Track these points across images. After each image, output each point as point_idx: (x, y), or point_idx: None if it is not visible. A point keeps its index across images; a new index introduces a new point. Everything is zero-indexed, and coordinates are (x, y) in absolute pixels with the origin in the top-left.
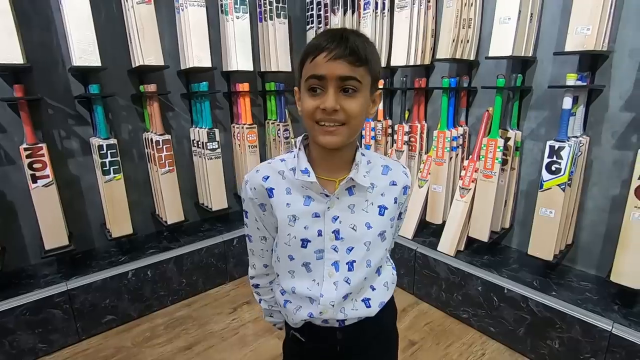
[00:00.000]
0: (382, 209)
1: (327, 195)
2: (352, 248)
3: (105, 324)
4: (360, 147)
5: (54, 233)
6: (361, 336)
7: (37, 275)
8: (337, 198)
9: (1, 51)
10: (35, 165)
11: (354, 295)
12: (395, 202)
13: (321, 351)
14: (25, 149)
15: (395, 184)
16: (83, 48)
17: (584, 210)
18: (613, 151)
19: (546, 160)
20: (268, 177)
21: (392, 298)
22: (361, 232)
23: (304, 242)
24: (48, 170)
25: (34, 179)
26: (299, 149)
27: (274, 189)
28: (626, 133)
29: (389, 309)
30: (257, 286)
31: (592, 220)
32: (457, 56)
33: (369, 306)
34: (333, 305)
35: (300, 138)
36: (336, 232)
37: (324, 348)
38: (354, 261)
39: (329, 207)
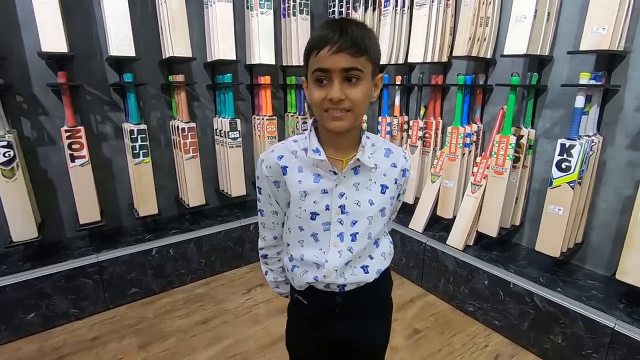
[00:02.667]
0: (383, 188)
1: (335, 173)
2: (356, 222)
3: (130, 295)
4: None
5: (88, 209)
6: (358, 301)
7: (72, 246)
8: (344, 176)
9: (49, 41)
10: (73, 146)
11: (354, 263)
12: (396, 183)
13: (321, 313)
14: (66, 131)
15: (396, 166)
16: (120, 39)
17: (595, 209)
18: (627, 152)
19: (557, 158)
20: (282, 156)
21: (388, 270)
22: (364, 208)
23: (313, 215)
24: (85, 151)
25: (72, 158)
26: (310, 130)
27: (287, 167)
28: None
29: (385, 278)
30: (265, 256)
31: (603, 220)
32: (474, 54)
33: (366, 272)
34: (336, 270)
35: (311, 121)
36: (342, 207)
37: (324, 310)
38: (357, 233)
39: (336, 185)
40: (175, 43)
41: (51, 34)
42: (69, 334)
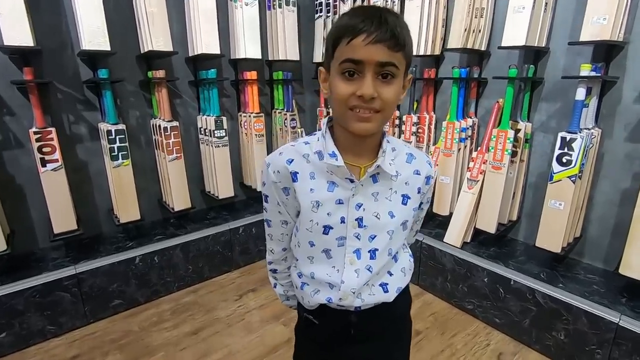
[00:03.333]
0: (405, 199)
1: (352, 181)
2: (375, 236)
3: (112, 307)
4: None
5: (62, 217)
6: (375, 321)
7: (46, 258)
8: (362, 185)
9: (12, 33)
10: (44, 149)
11: (372, 281)
12: (419, 192)
13: (334, 334)
14: (35, 133)
15: (419, 174)
16: (93, 32)
17: (594, 203)
18: (625, 144)
19: (557, 152)
20: (292, 160)
21: (407, 286)
22: (384, 221)
23: (326, 229)
24: (57, 155)
25: (44, 162)
26: (325, 131)
27: (298, 173)
28: (639, 126)
29: (404, 296)
30: (275, 271)
31: (602, 213)
32: (469, 46)
33: (386, 291)
34: (354, 293)
35: (325, 120)
36: (359, 220)
37: (338, 331)
38: (377, 250)
39: (353, 194)
40: (155, 36)
41: (14, 26)
42: (45, 353)
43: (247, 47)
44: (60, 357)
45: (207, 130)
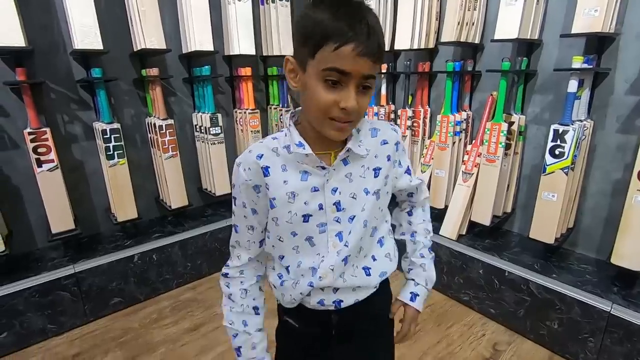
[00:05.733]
0: (377, 171)
1: (323, 168)
2: (354, 216)
3: (112, 306)
4: None
5: (60, 217)
6: (356, 320)
7: (44, 258)
8: (334, 169)
9: (2, 33)
10: (39, 150)
11: (352, 260)
12: (389, 160)
13: (316, 336)
14: (30, 133)
15: (387, 142)
16: (85, 31)
17: (586, 194)
18: (617, 135)
19: (550, 144)
20: (262, 155)
21: (388, 282)
22: (361, 199)
23: (306, 217)
24: (53, 155)
25: (39, 163)
26: (290, 125)
27: (269, 167)
28: (631, 117)
29: (385, 293)
30: (226, 275)
31: (594, 204)
32: (462, 39)
33: (368, 274)
34: (333, 269)
35: (288, 116)
36: (337, 204)
37: (318, 333)
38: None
39: (327, 180)
40: (147, 34)
41: (4, 26)
42: (47, 351)
43: (241, 43)
44: (61, 356)
45: (202, 128)
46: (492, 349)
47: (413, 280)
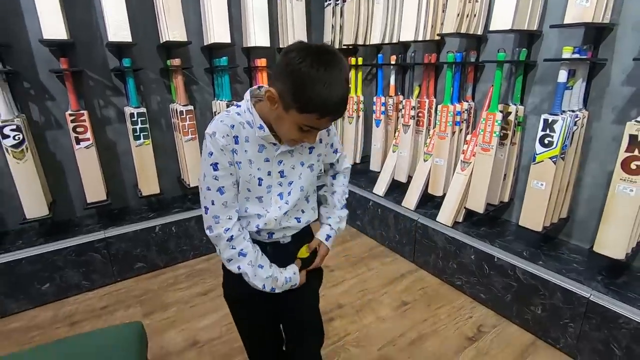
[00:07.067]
0: (311, 149)
1: (274, 144)
2: (292, 182)
3: (136, 269)
4: (372, 122)
5: (94, 189)
6: (285, 249)
7: (80, 224)
8: (282, 146)
9: (49, 28)
10: (78, 129)
11: (290, 213)
12: (321, 142)
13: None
14: (70, 115)
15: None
16: (117, 26)
17: (581, 185)
18: (612, 126)
19: (540, 134)
20: (233, 125)
21: (310, 227)
22: (298, 169)
23: (260, 181)
24: (89, 134)
25: (77, 141)
26: (251, 107)
27: (238, 136)
28: (626, 108)
29: (307, 233)
30: (232, 238)
31: (589, 195)
32: (463, 30)
33: (299, 222)
34: (276, 220)
35: (249, 95)
36: (281, 172)
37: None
38: (292, 190)
39: (276, 154)
40: (171, 27)
41: (51, 22)
42: (80, 303)
43: (257, 35)
44: (92, 307)
45: None
46: (477, 330)
47: (329, 225)
